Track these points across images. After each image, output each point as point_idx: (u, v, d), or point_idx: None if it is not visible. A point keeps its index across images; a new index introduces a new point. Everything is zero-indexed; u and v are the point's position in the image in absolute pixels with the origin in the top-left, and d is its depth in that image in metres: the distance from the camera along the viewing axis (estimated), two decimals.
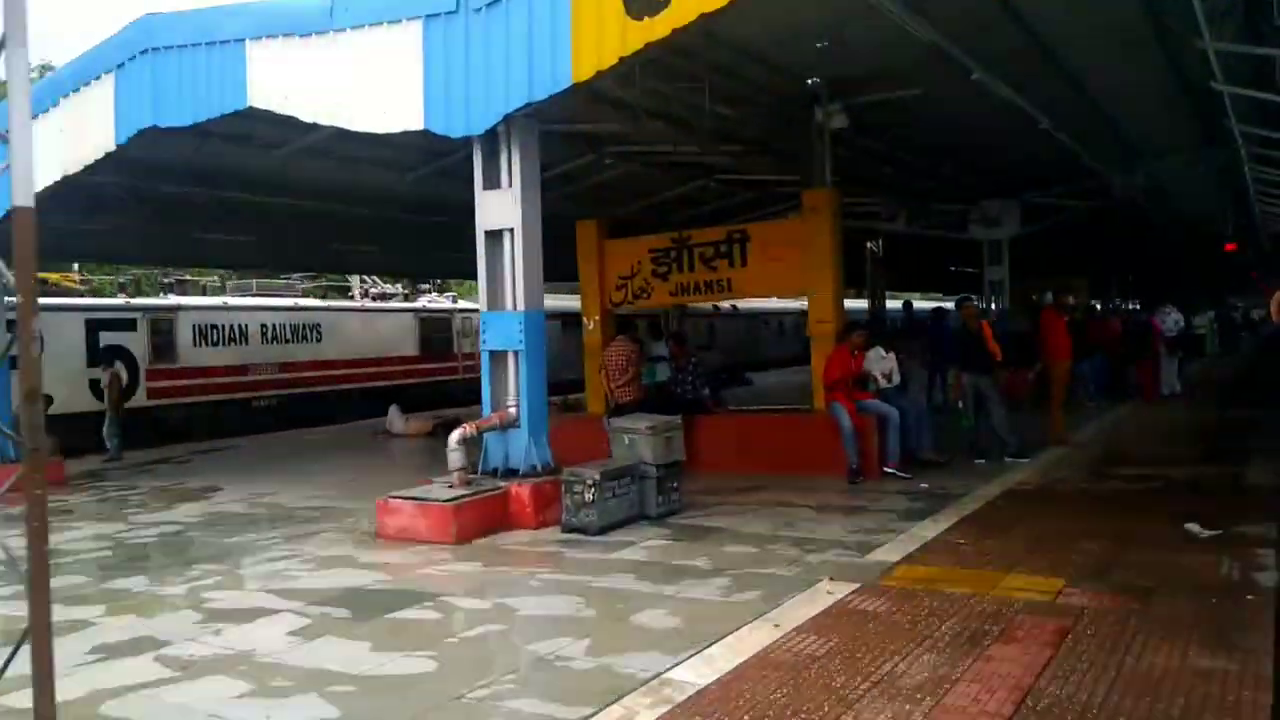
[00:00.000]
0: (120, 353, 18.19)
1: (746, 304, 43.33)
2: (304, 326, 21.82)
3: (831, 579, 5.33)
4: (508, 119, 7.34)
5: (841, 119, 10.75)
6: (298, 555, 6.55)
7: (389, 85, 7.58)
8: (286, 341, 21.39)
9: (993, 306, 21.24)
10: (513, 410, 7.45)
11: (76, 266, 27.14)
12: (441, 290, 30.26)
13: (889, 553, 5.93)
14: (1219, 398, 15.55)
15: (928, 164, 16.70)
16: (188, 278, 21.95)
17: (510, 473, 7.42)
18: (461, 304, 28.02)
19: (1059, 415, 10.63)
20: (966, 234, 21.47)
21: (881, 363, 9.56)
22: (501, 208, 7.48)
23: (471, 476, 7.43)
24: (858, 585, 5.19)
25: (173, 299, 20.23)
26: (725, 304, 41.37)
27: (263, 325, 20.86)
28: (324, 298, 28.03)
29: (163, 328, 18.95)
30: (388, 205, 16.58)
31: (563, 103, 8.20)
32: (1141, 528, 6.40)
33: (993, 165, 18.22)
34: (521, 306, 7.41)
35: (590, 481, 6.71)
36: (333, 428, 19.03)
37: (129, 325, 18.45)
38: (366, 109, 7.77)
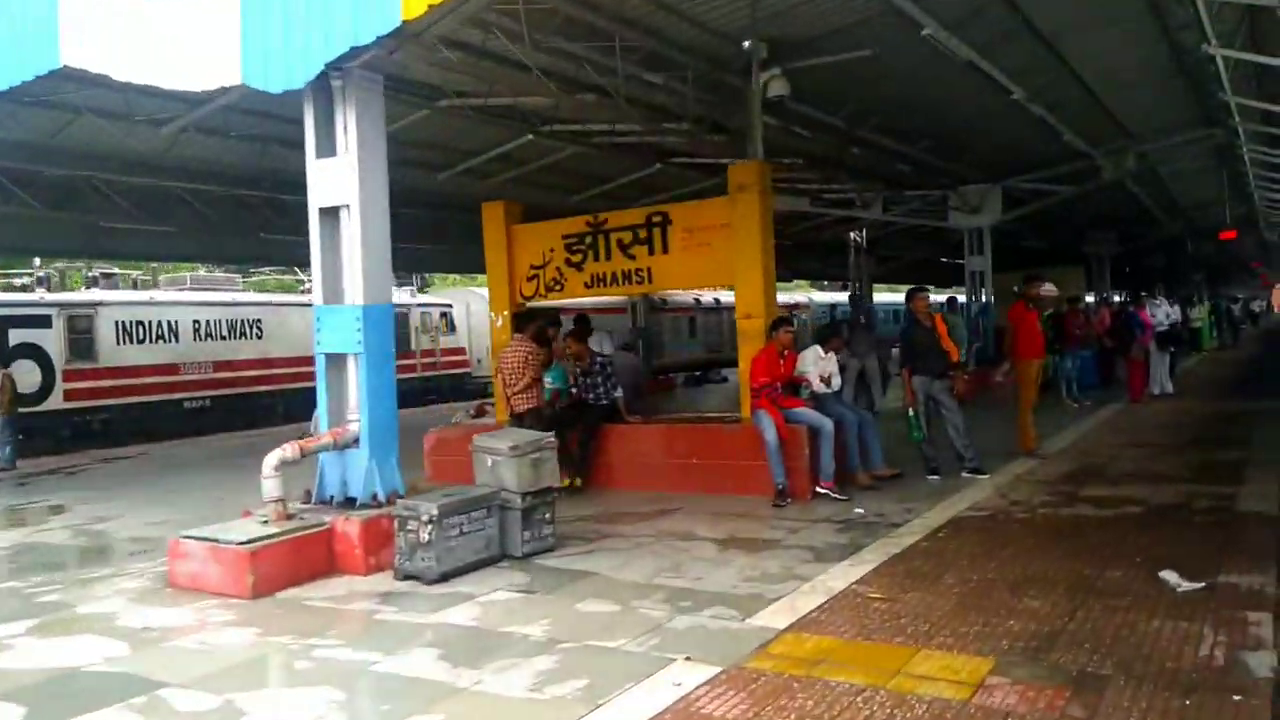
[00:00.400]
0: (34, 351, 16.93)
1: (731, 297, 42.02)
2: (243, 322, 20.52)
3: (689, 659, 4.05)
4: (341, 71, 6.05)
5: (781, 85, 9.43)
6: (53, 611, 5.26)
7: (206, 33, 6.27)
8: (223, 338, 20.10)
9: (974, 299, 19.97)
10: (352, 426, 6.16)
11: (38, 262, 25.81)
12: (402, 284, 29.02)
13: (779, 614, 4.64)
14: (1214, 400, 14.25)
15: (899, 145, 15.39)
16: (116, 271, 20.59)
17: (348, 503, 6.15)
18: (421, 298, 26.75)
19: (1027, 422, 9.33)
20: (947, 222, 20.19)
21: (819, 364, 8.26)
22: (337, 179, 6.17)
23: (302, 508, 6.15)
24: (719, 670, 3.90)
25: (95, 293, 18.93)
26: (706, 296, 40.12)
27: (195, 321, 19.56)
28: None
29: (81, 324, 17.65)
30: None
31: (410, 51, 6.92)
32: (1106, 574, 5.11)
33: (972, 148, 16.88)
34: (361, 300, 6.12)
35: (427, 517, 5.41)
36: (269, 430, 17.76)
37: (43, 322, 17.14)
38: (183, 63, 6.46)
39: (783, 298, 46.13)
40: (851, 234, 30.45)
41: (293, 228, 17.24)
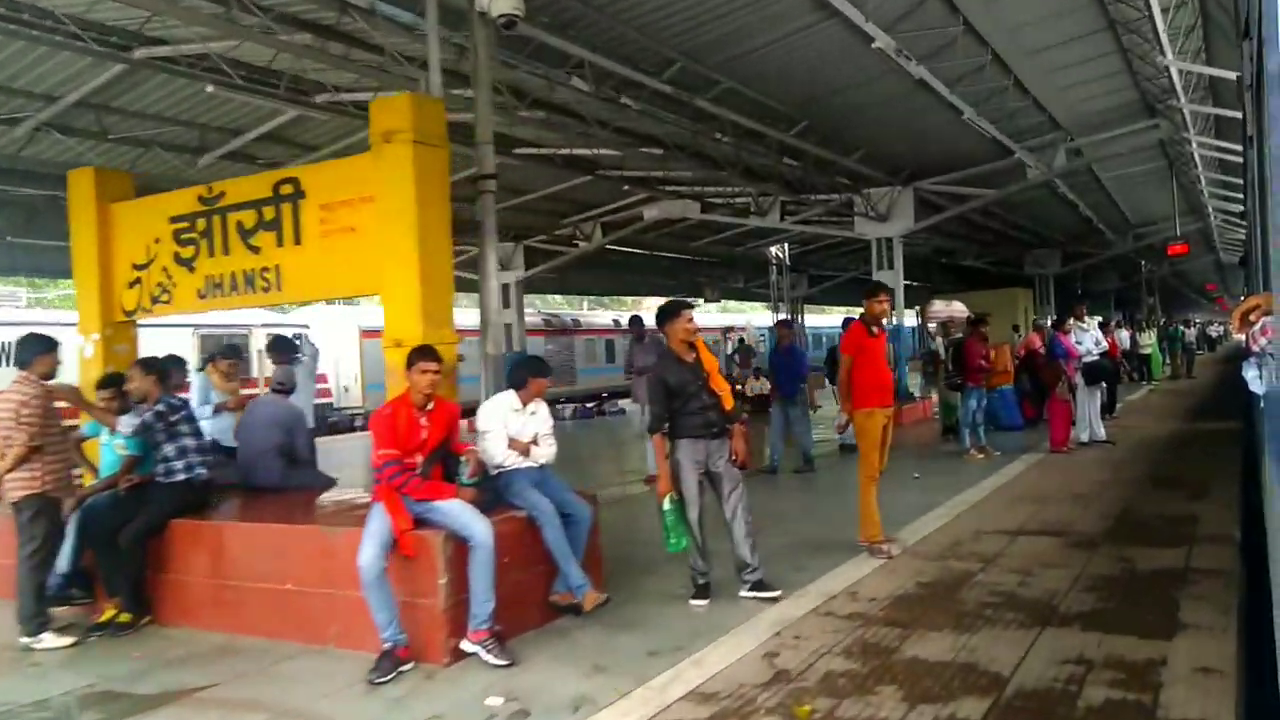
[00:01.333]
0: None
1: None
2: None
3: None
4: None
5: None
6: None
7: None
8: None
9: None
10: None
11: None
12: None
13: None
14: (1156, 447, 11.31)
15: (767, 128, 12.39)
16: None
17: None
18: (268, 317, 23.33)
19: (868, 504, 6.25)
20: (852, 230, 17.30)
21: (512, 423, 5.12)
22: None
23: None
24: None
25: None
26: (626, 319, 37.00)
27: None
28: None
29: None
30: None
31: None
32: None
33: (868, 138, 13.99)
34: None
35: None
36: None
37: None
38: None
39: (725, 319, 42.88)
40: (773, 249, 27.77)
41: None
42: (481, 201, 6.56)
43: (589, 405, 24.79)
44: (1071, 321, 11.22)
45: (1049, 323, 12.69)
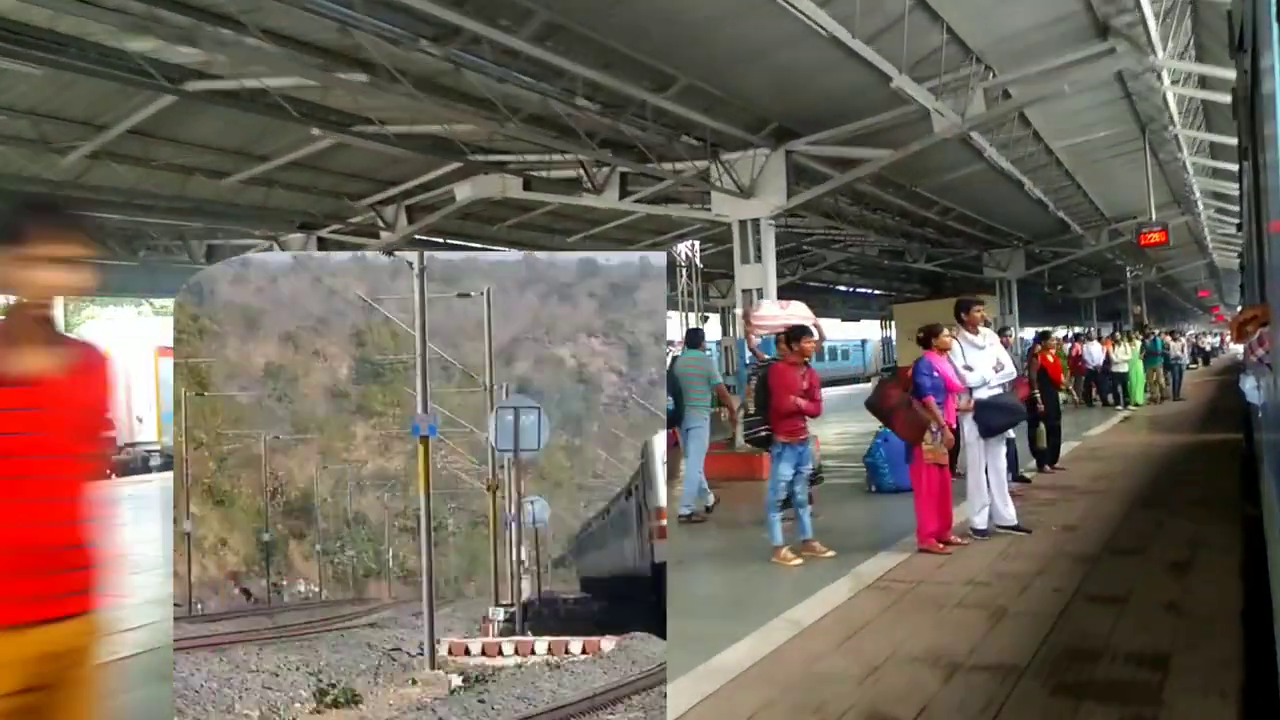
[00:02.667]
0: None
1: None
2: None
3: None
4: None
5: None
6: None
7: None
8: None
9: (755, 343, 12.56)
10: None
11: None
12: None
13: None
14: (1096, 545, 6.82)
15: (499, 33, 7.99)
16: None
17: None
18: None
19: None
20: (709, 210, 12.93)
21: None
22: None
23: None
24: None
25: None
26: None
27: None
28: None
29: None
30: None
31: None
32: None
33: (695, 68, 9.67)
34: None
35: None
36: None
37: None
38: None
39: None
40: (681, 248, 23.53)
41: None
42: None
43: None
44: (955, 333, 6.79)
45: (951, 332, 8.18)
